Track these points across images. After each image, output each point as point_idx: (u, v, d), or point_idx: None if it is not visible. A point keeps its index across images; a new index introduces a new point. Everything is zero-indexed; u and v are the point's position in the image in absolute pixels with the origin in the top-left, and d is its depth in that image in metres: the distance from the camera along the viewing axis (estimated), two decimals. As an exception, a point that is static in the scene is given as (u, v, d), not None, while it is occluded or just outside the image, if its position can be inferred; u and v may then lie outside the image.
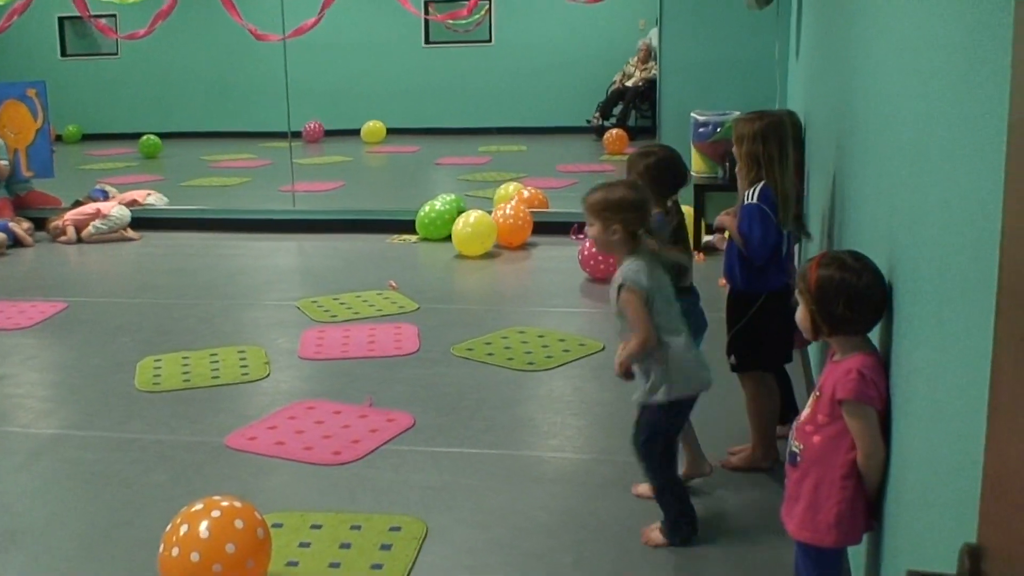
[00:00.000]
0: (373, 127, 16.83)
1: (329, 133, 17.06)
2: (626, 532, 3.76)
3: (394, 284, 7.28)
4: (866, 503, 2.55)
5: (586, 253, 7.31)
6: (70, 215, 9.45)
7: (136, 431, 4.86)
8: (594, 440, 4.64)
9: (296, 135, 13.98)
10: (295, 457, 4.49)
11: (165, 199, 10.41)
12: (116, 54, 18.54)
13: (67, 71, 18.11)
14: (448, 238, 8.53)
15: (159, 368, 5.71)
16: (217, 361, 5.80)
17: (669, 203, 4.12)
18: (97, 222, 9.36)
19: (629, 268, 3.49)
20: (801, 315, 2.63)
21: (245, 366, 5.70)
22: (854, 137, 3.43)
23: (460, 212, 8.69)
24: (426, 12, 16.30)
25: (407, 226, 9.06)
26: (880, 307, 2.54)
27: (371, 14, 16.92)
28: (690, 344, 3.59)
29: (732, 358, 4.18)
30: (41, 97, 10.38)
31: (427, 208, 8.90)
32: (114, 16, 15.83)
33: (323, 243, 8.95)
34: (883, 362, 2.53)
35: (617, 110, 15.96)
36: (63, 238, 9.29)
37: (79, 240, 9.29)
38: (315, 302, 6.95)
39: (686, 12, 8.83)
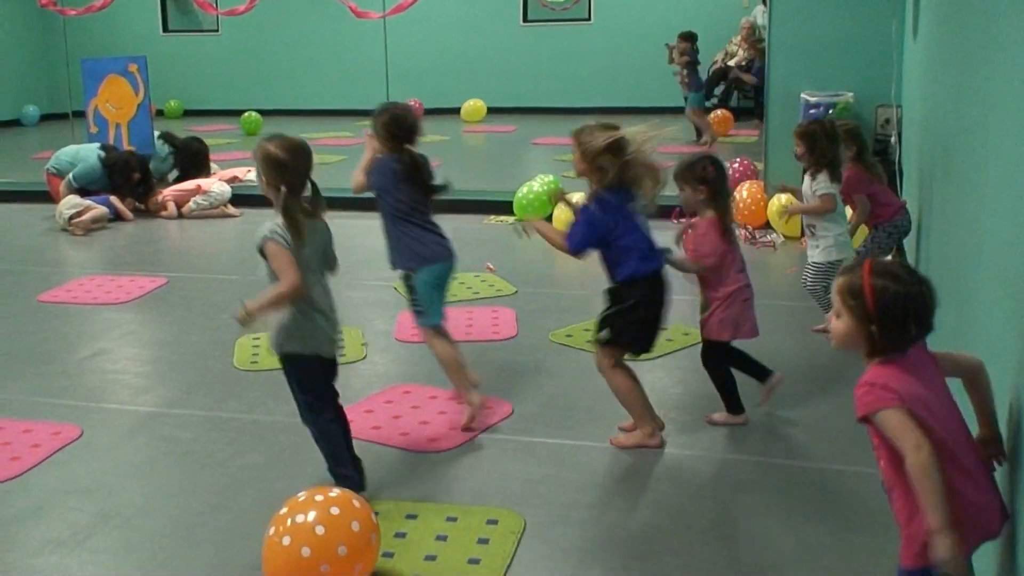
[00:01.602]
0: (473, 106, 16.74)
1: (428, 112, 17.02)
2: (733, 534, 3.60)
3: (492, 266, 7.17)
4: (962, 506, 2.28)
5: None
6: (171, 191, 9.53)
7: (233, 410, 4.82)
8: (698, 436, 4.47)
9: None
10: (391, 442, 4.40)
11: (260, 174, 10.44)
12: (217, 31, 18.73)
13: (169, 47, 18.35)
14: (547, 219, 8.37)
15: (257, 347, 5.67)
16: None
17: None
18: (198, 198, 9.42)
19: None
20: (846, 331, 2.41)
21: (342, 347, 5.63)
22: (979, 137, 3.19)
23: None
24: (525, -11, 16.16)
25: (504, 207, 8.94)
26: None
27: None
28: None
29: (604, 332, 4.25)
30: (142, 72, 10.47)
31: (524, 189, 8.77)
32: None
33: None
34: (897, 358, 2.35)
35: (719, 90, 15.63)
36: (164, 213, 9.36)
37: (180, 216, 9.36)
38: (412, 284, 6.86)
39: (796, -12, 8.53)
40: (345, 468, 3.85)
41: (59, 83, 16.94)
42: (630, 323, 4.21)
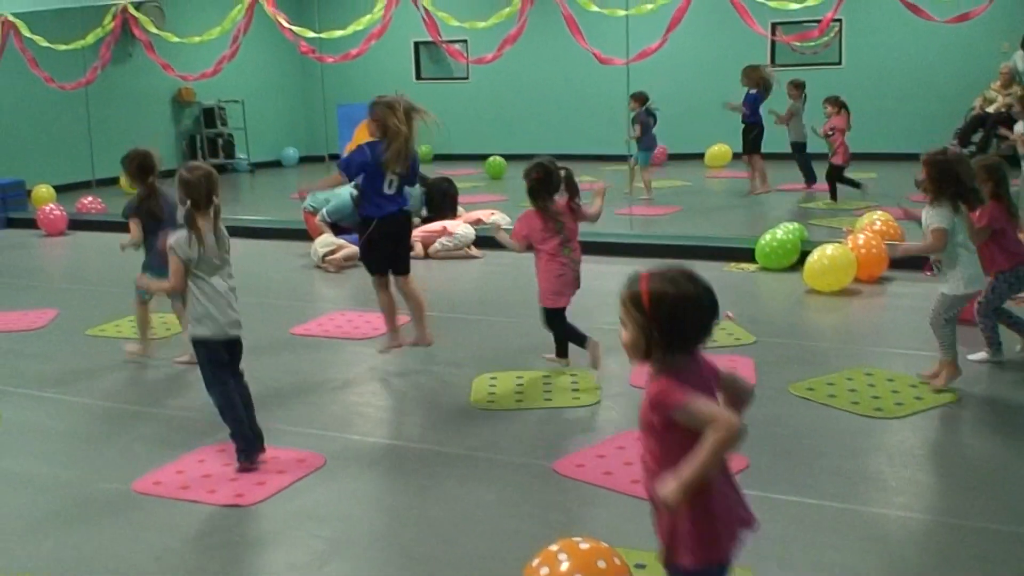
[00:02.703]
0: (718, 151, 16.58)
1: (673, 156, 16.97)
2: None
3: (731, 314, 7.04)
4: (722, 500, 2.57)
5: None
6: (418, 232, 9.83)
7: (467, 447, 4.89)
8: (948, 501, 4.22)
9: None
10: (622, 489, 4.35)
11: (507, 219, 10.63)
12: (467, 78, 19.30)
13: (421, 93, 18.98)
14: (789, 268, 8.18)
15: (494, 385, 5.75)
16: (550, 383, 5.78)
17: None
18: (443, 239, 9.68)
19: None
20: (631, 339, 2.58)
21: (576, 390, 5.65)
22: None
23: (802, 242, 8.33)
24: (772, 33, 15.90)
25: (745, 254, 8.78)
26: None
27: (715, 36, 16.71)
28: None
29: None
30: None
31: (768, 236, 8.58)
32: (465, 41, 16.46)
33: (660, 268, 8.78)
34: (680, 360, 2.54)
35: (977, 137, 14.89)
36: (411, 253, 9.65)
37: (426, 256, 9.64)
38: (648, 328, 6.80)
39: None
40: (244, 433, 4.72)
41: (316, 127, 17.88)
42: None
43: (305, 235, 10.29)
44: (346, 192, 9.85)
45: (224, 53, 11.12)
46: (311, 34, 10.98)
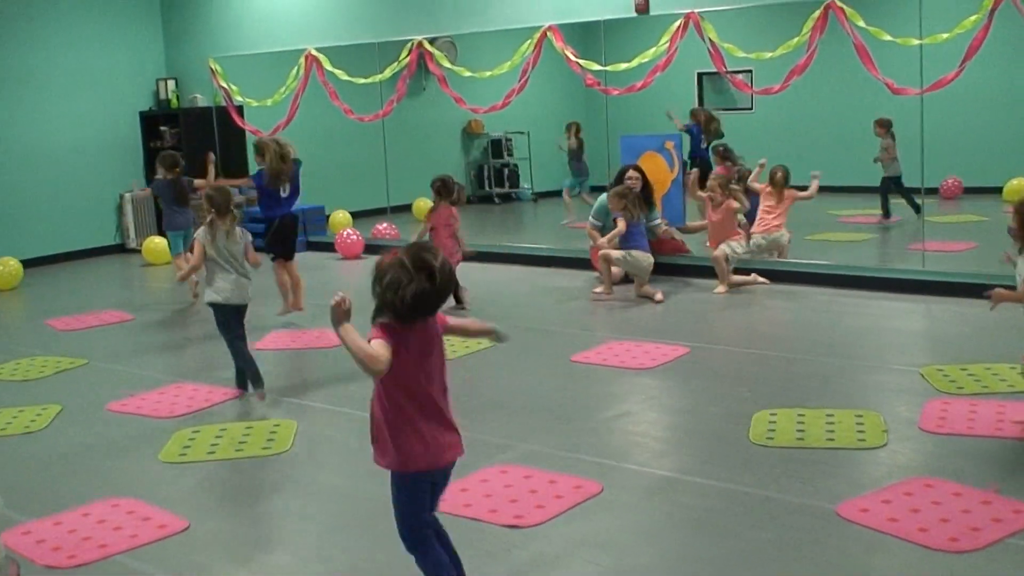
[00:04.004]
0: (1017, 184, 15.64)
1: (968, 190, 16.15)
2: None
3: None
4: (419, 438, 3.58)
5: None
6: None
7: (746, 484, 4.82)
8: None
9: (931, 191, 13.36)
10: (908, 537, 4.17)
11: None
12: (751, 108, 19.07)
13: (704, 123, 18.94)
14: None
15: (774, 422, 5.64)
16: (833, 422, 5.61)
17: None
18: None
19: None
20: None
21: (862, 431, 5.46)
22: None
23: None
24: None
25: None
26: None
27: (1015, 66, 15.80)
28: None
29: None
30: (677, 149, 10.90)
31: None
32: (750, 71, 16.28)
33: (953, 307, 8.38)
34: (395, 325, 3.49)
35: None
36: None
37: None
38: (941, 371, 6.49)
39: None
40: (239, 367, 6.79)
41: (599, 157, 18.06)
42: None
43: (583, 264, 10.45)
44: (603, 197, 9.95)
45: (513, 87, 11.47)
46: (597, 67, 11.16)
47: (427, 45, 11.94)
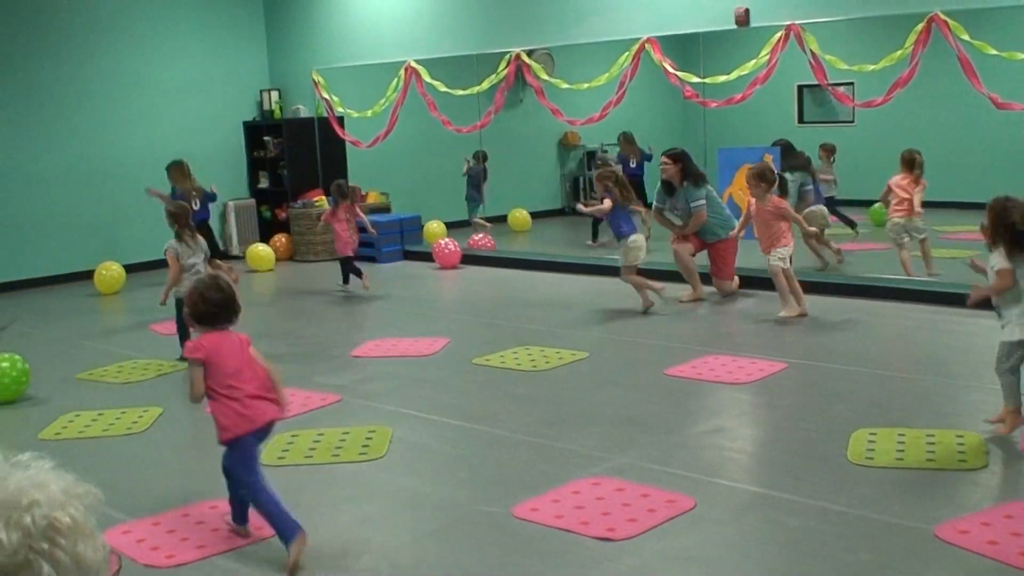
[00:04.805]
0: None
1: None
2: None
3: None
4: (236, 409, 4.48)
5: None
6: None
7: (842, 503, 4.74)
8: None
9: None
10: (1009, 560, 4.07)
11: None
12: (852, 121, 18.77)
13: (803, 137, 18.69)
14: None
15: (873, 441, 5.55)
16: (933, 442, 5.50)
17: None
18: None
19: None
20: None
21: (962, 452, 5.34)
22: None
23: None
24: None
25: None
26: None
27: None
28: None
29: None
30: (775, 162, 10.79)
31: None
32: (851, 84, 16.04)
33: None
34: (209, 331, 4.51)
35: None
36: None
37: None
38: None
39: None
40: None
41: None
42: None
43: (677, 276, 10.39)
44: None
45: (610, 99, 11.46)
46: (695, 79, 11.10)
47: (525, 57, 12.00)
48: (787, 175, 11.04)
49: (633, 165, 15.24)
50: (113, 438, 6.36)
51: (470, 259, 12.77)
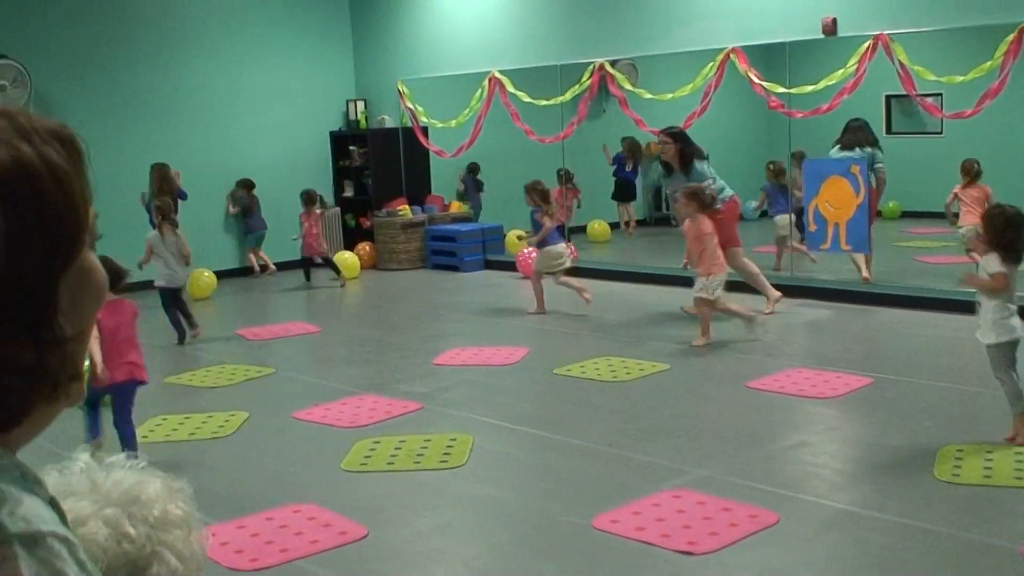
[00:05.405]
0: None
1: None
2: None
3: None
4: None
5: None
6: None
7: (929, 521, 4.66)
8: None
9: None
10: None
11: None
12: (940, 133, 18.44)
13: (891, 148, 18.40)
14: None
15: (960, 459, 5.44)
16: (1022, 460, 5.36)
17: None
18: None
19: None
20: None
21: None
22: None
23: None
24: None
25: None
26: None
27: None
28: None
29: None
30: (862, 174, 10.65)
31: None
32: (940, 95, 15.75)
33: None
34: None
35: None
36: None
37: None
38: None
39: None
40: (179, 331, 9.18)
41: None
42: None
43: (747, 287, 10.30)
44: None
45: (694, 109, 11.41)
46: (781, 89, 11.01)
47: (608, 67, 12.01)
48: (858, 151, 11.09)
49: (628, 168, 15.80)
50: (200, 442, 6.48)
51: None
